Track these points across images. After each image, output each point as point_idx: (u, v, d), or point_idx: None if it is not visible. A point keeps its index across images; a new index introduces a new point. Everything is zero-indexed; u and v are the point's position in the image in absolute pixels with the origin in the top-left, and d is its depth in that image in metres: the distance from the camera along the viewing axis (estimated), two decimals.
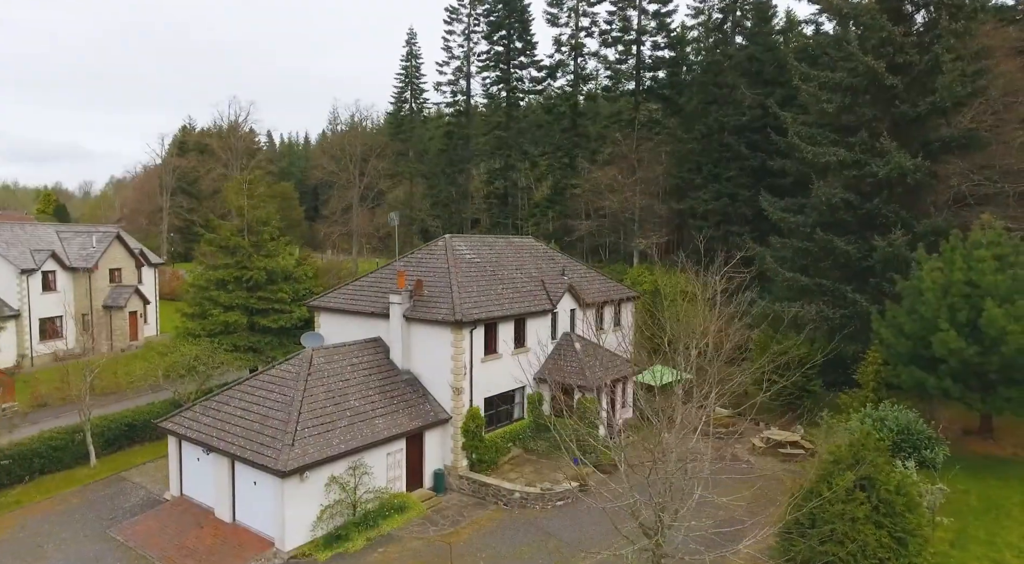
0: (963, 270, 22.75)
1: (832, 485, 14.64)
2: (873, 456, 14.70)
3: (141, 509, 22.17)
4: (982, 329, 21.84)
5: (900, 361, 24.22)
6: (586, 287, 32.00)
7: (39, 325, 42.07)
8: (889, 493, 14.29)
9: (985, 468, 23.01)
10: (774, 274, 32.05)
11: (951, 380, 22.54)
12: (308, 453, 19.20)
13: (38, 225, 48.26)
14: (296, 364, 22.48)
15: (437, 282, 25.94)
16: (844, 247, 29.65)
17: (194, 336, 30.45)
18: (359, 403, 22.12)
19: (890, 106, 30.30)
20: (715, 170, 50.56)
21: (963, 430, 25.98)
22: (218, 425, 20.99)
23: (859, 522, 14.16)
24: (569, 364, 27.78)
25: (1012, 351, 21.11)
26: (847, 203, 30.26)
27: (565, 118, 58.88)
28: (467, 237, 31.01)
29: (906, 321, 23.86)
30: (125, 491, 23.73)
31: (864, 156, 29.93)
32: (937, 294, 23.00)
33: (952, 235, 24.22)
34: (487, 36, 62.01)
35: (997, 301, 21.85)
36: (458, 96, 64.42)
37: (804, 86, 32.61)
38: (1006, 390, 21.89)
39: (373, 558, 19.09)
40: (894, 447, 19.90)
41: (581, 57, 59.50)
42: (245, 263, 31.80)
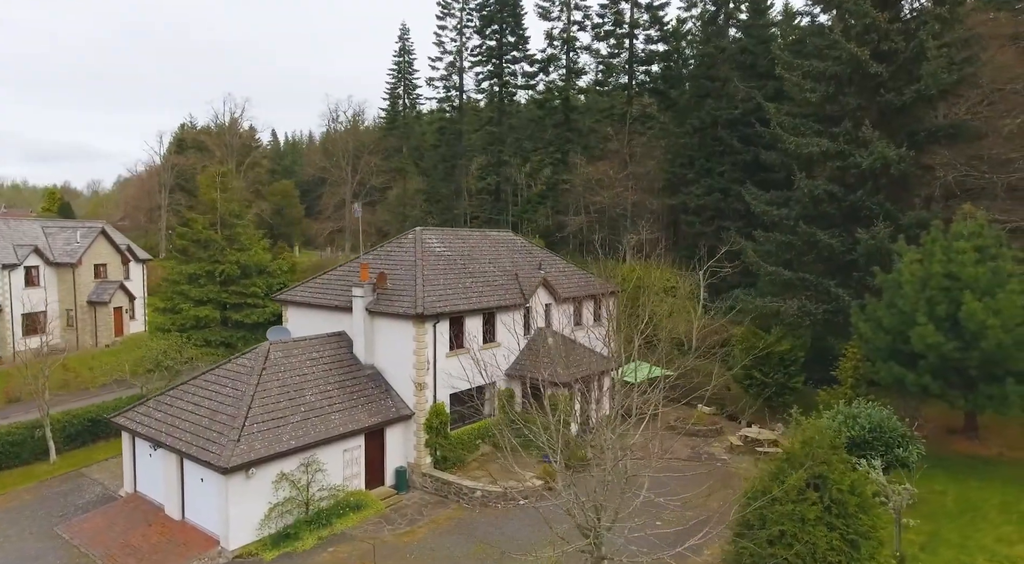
0: (942, 262, 21.87)
1: (783, 484, 13.88)
2: (827, 454, 13.92)
3: (94, 506, 21.72)
4: (962, 323, 20.98)
5: (879, 357, 23.38)
6: (564, 282, 31.32)
7: (22, 320, 41.87)
8: (841, 493, 13.50)
9: (967, 468, 22.12)
10: (756, 268, 31.21)
11: (931, 376, 21.68)
12: (255, 449, 18.64)
13: (23, 220, 48.10)
14: (252, 358, 21.94)
15: (403, 275, 25.34)
16: (827, 240, 28.79)
17: (164, 331, 29.99)
18: (315, 398, 21.55)
19: (875, 95, 29.37)
20: (707, 164, 49.66)
21: (947, 429, 25.08)
22: (168, 420, 20.49)
23: (809, 523, 13.38)
24: (542, 360, 27.08)
25: (992, 346, 20.24)
26: (831, 195, 29.39)
27: (557, 113, 58.15)
28: (439, 230, 30.40)
29: (885, 315, 23.02)
30: (81, 488, 23.30)
31: (848, 147, 29.05)
32: (915, 287, 22.15)
33: (933, 226, 23.32)
34: (479, 31, 61.35)
35: (977, 294, 20.98)
36: (451, 91, 63.86)
37: (787, 75, 31.74)
38: (987, 387, 21.00)
39: (322, 558, 18.51)
40: (865, 445, 19.08)
41: (573, 51, 58.73)
42: (218, 257, 31.35)
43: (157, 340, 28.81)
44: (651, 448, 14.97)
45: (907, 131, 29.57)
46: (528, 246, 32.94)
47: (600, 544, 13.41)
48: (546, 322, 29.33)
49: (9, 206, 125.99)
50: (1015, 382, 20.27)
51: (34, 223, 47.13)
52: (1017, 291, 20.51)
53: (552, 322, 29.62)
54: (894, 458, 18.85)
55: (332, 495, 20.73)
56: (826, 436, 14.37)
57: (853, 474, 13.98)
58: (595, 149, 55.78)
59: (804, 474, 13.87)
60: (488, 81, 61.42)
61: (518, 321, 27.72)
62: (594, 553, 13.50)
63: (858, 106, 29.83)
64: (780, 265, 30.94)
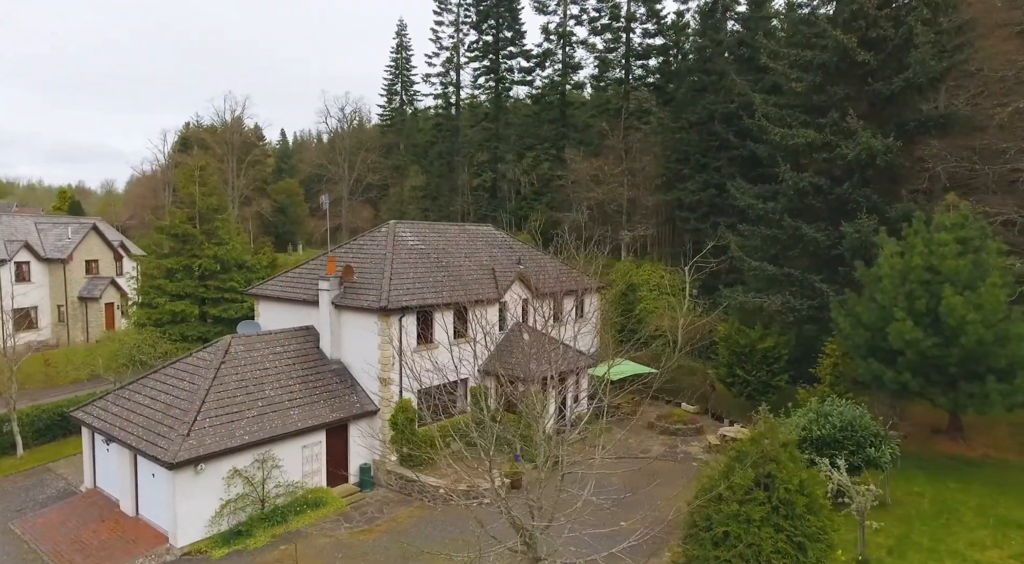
0: (923, 255, 21.04)
1: (732, 483, 13.25)
2: (776, 451, 13.26)
3: (54, 501, 21.49)
4: (942, 318, 20.15)
5: (859, 354, 22.58)
6: (544, 277, 30.69)
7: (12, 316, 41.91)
8: (789, 492, 12.83)
9: (948, 469, 21.29)
10: (740, 263, 30.43)
11: (910, 374, 20.85)
12: (204, 444, 18.27)
13: (16, 216, 48.28)
14: (212, 352, 21.60)
15: (372, 269, 24.91)
16: (813, 234, 27.94)
17: (140, 325, 29.79)
18: (274, 393, 21.16)
19: (863, 84, 28.48)
20: (703, 160, 48.73)
21: (932, 429, 24.20)
22: (124, 415, 20.19)
23: (755, 524, 12.73)
24: (515, 356, 26.54)
25: (972, 342, 19.39)
26: (816, 188, 28.53)
27: (554, 109, 57.52)
28: (415, 223, 29.97)
29: (864, 310, 22.22)
30: (45, 482, 23.09)
31: (835, 138, 28.18)
32: (895, 281, 21.33)
33: (915, 218, 22.46)
34: (475, 26, 60.84)
35: (958, 288, 20.14)
36: (448, 88, 63.43)
37: (773, 65, 30.92)
38: (968, 385, 20.14)
39: (272, 556, 18.09)
40: (835, 444, 18.32)
41: (570, 46, 58.06)
42: (196, 251, 31.09)
43: (131, 335, 28.59)
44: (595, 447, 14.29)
45: (896, 121, 28.63)
46: (508, 241, 32.40)
47: (534, 545, 12.86)
48: (523, 317, 28.77)
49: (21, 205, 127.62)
50: (996, 380, 19.41)
51: (27, 219, 47.32)
52: (998, 284, 19.64)
53: (530, 317, 29.06)
54: (866, 458, 18.06)
55: (290, 492, 20.32)
56: (776, 433, 13.70)
57: (803, 473, 13.29)
58: (591, 145, 55.11)
59: (752, 473, 13.26)
60: (484, 77, 60.96)
61: (492, 316, 27.20)
62: (528, 554, 12.95)
63: (846, 96, 28.92)
64: (766, 260, 30.11)
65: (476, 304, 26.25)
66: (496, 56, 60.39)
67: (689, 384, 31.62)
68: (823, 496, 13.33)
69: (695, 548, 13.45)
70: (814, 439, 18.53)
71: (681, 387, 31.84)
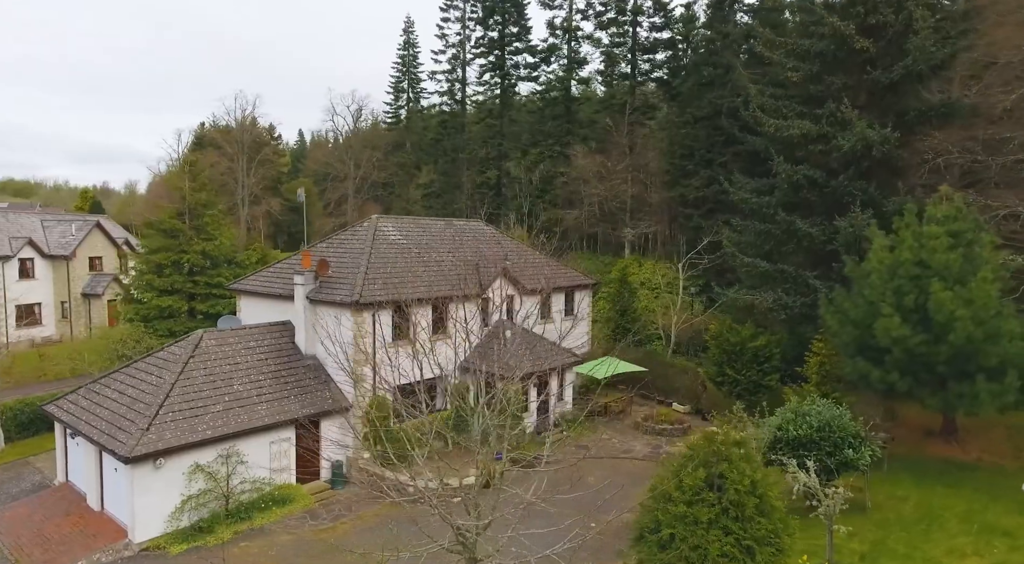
0: (913, 249, 20.10)
1: (682, 483, 12.64)
2: (728, 450, 12.61)
3: (27, 494, 21.51)
4: (931, 315, 19.21)
5: (846, 352, 21.70)
6: (532, 273, 30.19)
7: (15, 311, 42.56)
8: (739, 493, 12.17)
9: (938, 473, 20.31)
10: (732, 259, 29.58)
11: (898, 373, 19.94)
12: (164, 438, 18.07)
13: (22, 213, 48.98)
14: (182, 346, 21.45)
15: (350, 264, 24.62)
16: (807, 229, 27.04)
17: (128, 320, 29.87)
18: (243, 388, 20.93)
19: (862, 73, 27.49)
20: (708, 155, 47.73)
21: (925, 431, 23.18)
22: (92, 408, 20.10)
23: (702, 526, 12.09)
24: (496, 353, 26.02)
25: (961, 339, 18.44)
26: (811, 181, 27.59)
27: (558, 104, 56.90)
28: (400, 218, 29.64)
29: (851, 307, 21.33)
30: (22, 476, 23.15)
31: (832, 129, 27.23)
32: (883, 276, 20.42)
33: (906, 210, 21.50)
34: (481, 21, 60.44)
35: (949, 282, 19.19)
36: (455, 85, 63.13)
37: (769, 54, 30.02)
38: (957, 385, 19.17)
39: (231, 553, 17.79)
40: (811, 445, 17.51)
41: (575, 41, 57.40)
42: (184, 247, 31.10)
43: (117, 330, 28.66)
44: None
45: (896, 111, 27.59)
46: (498, 236, 31.91)
47: (471, 545, 12.39)
48: (507, 314, 28.25)
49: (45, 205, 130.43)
50: (986, 379, 18.44)
51: (33, 216, 47.96)
52: (989, 279, 18.66)
53: (515, 314, 28.52)
54: (843, 460, 17.22)
55: (257, 488, 20.06)
56: (730, 431, 13.05)
57: (757, 473, 12.61)
58: (595, 141, 54.40)
59: (703, 472, 12.62)
60: (490, 73, 60.54)
61: (475, 312, 26.73)
62: (464, 554, 12.50)
63: (844, 85, 27.94)
64: (760, 256, 29.24)
65: (456, 299, 25.93)
66: (502, 52, 59.96)
67: (682, 384, 30.83)
68: (776, 497, 12.63)
69: (643, 551, 12.85)
70: (790, 439, 17.75)
71: (674, 387, 31.07)
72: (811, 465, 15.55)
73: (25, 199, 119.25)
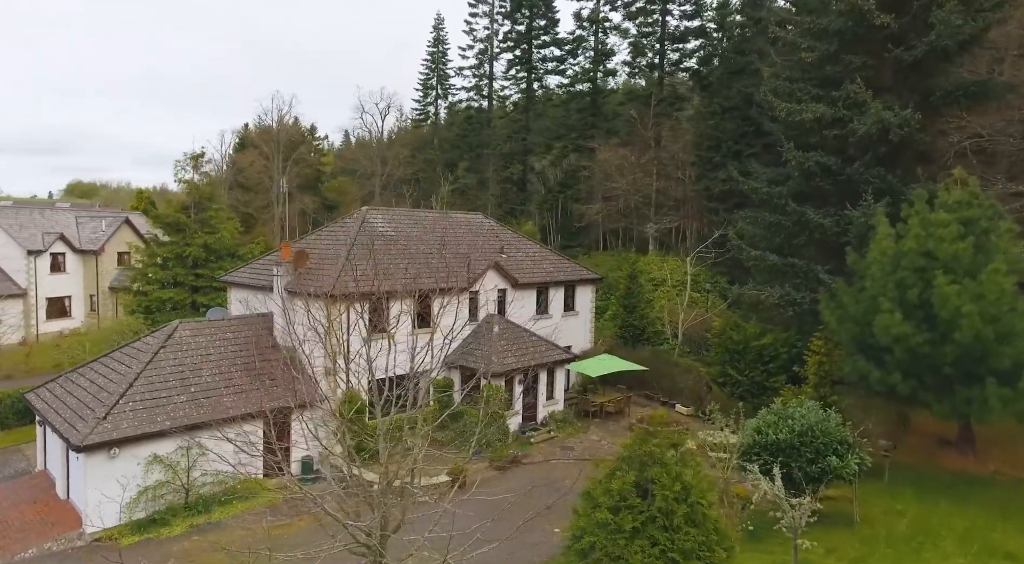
0: (918, 237, 18.21)
1: (608, 488, 11.50)
2: (662, 453, 11.39)
3: (6, 480, 21.79)
4: (936, 311, 17.34)
5: (847, 351, 19.91)
6: (528, 267, 29.18)
7: (46, 304, 44.07)
8: (667, 501, 10.93)
9: (945, 487, 18.35)
10: (739, 252, 27.82)
11: (900, 374, 18.10)
12: (120, 428, 17.89)
13: (59, 209, 50.77)
14: (156, 336, 21.38)
15: (332, 255, 24.18)
16: (818, 220, 25.14)
17: (130, 312, 30.29)
18: (212, 379, 20.66)
19: (883, 51, 25.37)
20: (735, 147, 45.64)
21: (939, 440, 21.09)
22: (63, 396, 20.17)
23: (625, 535, 10.92)
24: (481, 348, 25.17)
25: (968, 338, 16.54)
26: (824, 168, 25.65)
27: (584, 97, 55.58)
28: (391, 210, 29.10)
29: (851, 302, 19.53)
30: (9, 463, 23.51)
31: (849, 112, 25.25)
32: (884, 268, 18.58)
33: (915, 196, 19.56)
34: (509, 15, 59.66)
35: (958, 275, 17.28)
36: (482, 80, 62.55)
37: (781, 33, 28.14)
38: (966, 389, 17.23)
39: (180, 546, 17.49)
40: (791, 450, 15.94)
41: (603, 32, 55.91)
42: (188, 240, 31.39)
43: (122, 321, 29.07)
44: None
45: (921, 92, 25.40)
46: (497, 229, 30.96)
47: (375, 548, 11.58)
48: (499, 309, 27.31)
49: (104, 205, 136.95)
50: (997, 383, 16.47)
51: (68, 213, 49.65)
52: (1002, 271, 16.67)
53: (508, 309, 27.57)
54: (826, 468, 15.59)
55: (219, 481, 19.71)
56: (665, 432, 11.81)
57: (696, 478, 11.35)
58: (620, 134, 52.85)
59: (633, 477, 11.45)
60: (516, 67, 59.69)
61: (461, 306, 25.89)
62: (369, 556, 11.69)
63: (862, 65, 25.89)
64: (771, 249, 27.41)
65: (440, 293, 25.13)
66: (528, 46, 59.05)
67: (686, 384, 29.24)
68: (710, 505, 11.32)
69: (565, 561, 11.76)
70: (768, 444, 16.25)
71: (679, 387, 29.49)
72: (777, 472, 14.11)
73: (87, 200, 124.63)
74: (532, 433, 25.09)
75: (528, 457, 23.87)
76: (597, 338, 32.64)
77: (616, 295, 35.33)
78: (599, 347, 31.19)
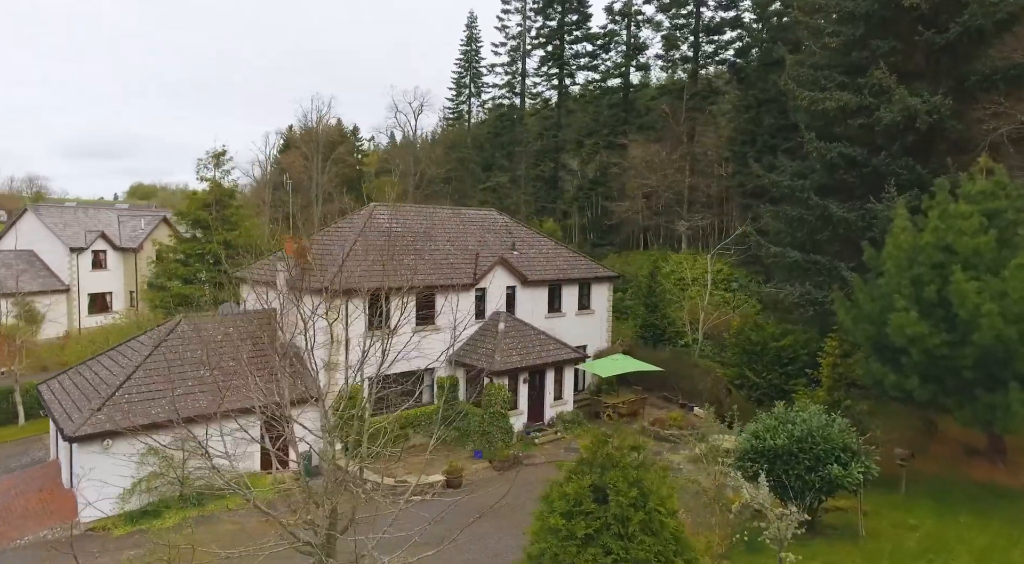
0: (936, 230, 16.89)
1: (565, 492, 10.88)
2: (621, 455, 10.71)
3: (22, 468, 22.52)
4: (955, 310, 16.02)
5: (861, 352, 18.66)
6: (540, 264, 28.58)
7: (88, 300, 45.78)
8: (621, 507, 10.23)
9: (969, 499, 16.95)
10: (758, 249, 26.57)
11: (918, 378, 16.81)
12: (113, 419, 18.13)
13: (102, 208, 52.70)
14: (160, 330, 21.71)
15: (336, 252, 24.15)
16: (842, 214, 23.77)
17: (153, 307, 31.04)
18: (210, 373, 20.79)
19: (912, 34, 23.82)
20: (772, 141, 43.93)
21: (967, 448, 19.55)
22: (68, 388, 20.68)
23: (576, 542, 10.28)
24: (486, 346, 24.72)
25: (988, 339, 15.20)
26: (849, 160, 24.24)
27: (616, 92, 54.58)
28: (400, 206, 28.97)
29: (865, 300, 18.28)
30: (29, 451, 24.33)
31: (875, 100, 23.80)
32: (900, 263, 17.31)
33: (937, 186, 18.17)
34: (541, 10, 59.11)
35: (979, 271, 15.93)
36: (515, 78, 62.14)
37: (803, 18, 26.77)
38: (988, 395, 15.85)
39: (169, 538, 17.45)
40: (789, 457, 14.93)
41: (635, 25, 54.79)
42: (209, 237, 31.99)
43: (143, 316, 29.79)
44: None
45: (955, 76, 23.75)
46: (510, 226, 30.42)
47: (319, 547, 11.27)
48: (509, 306, 26.81)
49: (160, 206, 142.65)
50: (1021, 388, 15.08)
51: (111, 211, 51.49)
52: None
53: (517, 307, 27.04)
54: (825, 477, 14.52)
55: (214, 475, 19.81)
56: (627, 435, 11.13)
57: (653, 484, 10.62)
58: (652, 129, 51.65)
59: (589, 480, 10.81)
60: (548, 63, 59.08)
61: (468, 303, 25.52)
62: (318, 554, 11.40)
63: (891, 50, 24.37)
64: (794, 245, 26.09)
65: (444, 289, 24.83)
66: (560, 42, 58.41)
67: (706, 387, 28.12)
68: (670, 514, 10.56)
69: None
70: (765, 450, 15.29)
71: (699, 390, 28.38)
72: (763, 479, 13.22)
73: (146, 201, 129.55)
74: (537, 434, 24.51)
75: (531, 458, 23.33)
76: (616, 338, 31.77)
77: (638, 294, 34.35)
78: (617, 347, 30.32)
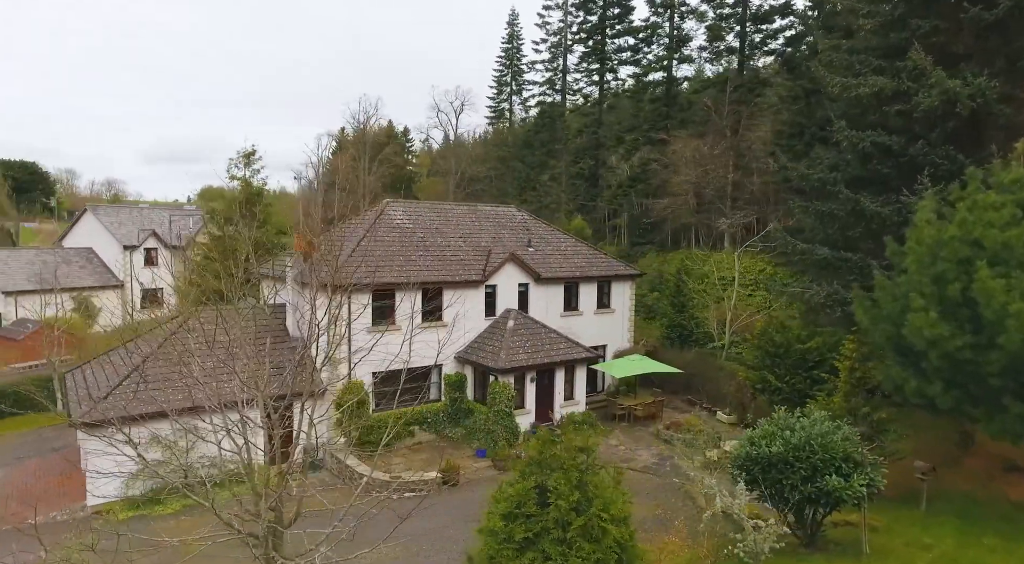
0: (963, 223, 15.40)
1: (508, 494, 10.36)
2: (568, 458, 10.10)
3: (52, 453, 23.51)
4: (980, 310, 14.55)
5: (882, 355, 17.26)
6: (556, 261, 27.92)
7: (141, 294, 47.86)
8: (561, 511, 9.61)
9: (999, 519, 15.40)
10: (784, 246, 25.10)
11: (941, 384, 15.37)
12: (116, 407, 18.63)
13: (156, 209, 55.03)
14: (172, 324, 22.23)
15: (346, 248, 24.21)
16: (875, 208, 22.17)
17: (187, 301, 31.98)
18: (217, 365, 21.10)
19: (957, 11, 21.97)
20: (821, 133, 41.68)
21: (1004, 463, 17.80)
22: (88, 377, 21.44)
23: (513, 546, 9.74)
24: (493, 344, 24.28)
25: (1016, 343, 13.70)
26: (884, 149, 22.59)
27: (658, 86, 53.15)
28: (415, 203, 28.87)
29: (885, 299, 16.88)
30: (62, 436, 25.32)
31: (915, 84, 22.09)
32: (922, 258, 15.88)
33: (969, 175, 16.60)
34: (582, 5, 58.22)
35: (1010, 267, 14.41)
36: (556, 74, 61.48)
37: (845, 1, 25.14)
38: (1017, 404, 14.31)
39: (170, 524, 17.87)
40: (785, 466, 13.84)
41: (679, 17, 53.20)
42: (238, 235, 32.75)
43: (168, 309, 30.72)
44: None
45: (1006, 56, 21.79)
46: (529, 223, 29.85)
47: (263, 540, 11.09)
48: (521, 304, 26.28)
49: None
50: None
51: (164, 211, 53.72)
52: None
53: (530, 305, 26.48)
54: (821, 489, 13.38)
55: (217, 465, 20.13)
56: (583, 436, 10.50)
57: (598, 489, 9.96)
58: (694, 124, 50.01)
59: (532, 482, 10.25)
60: (589, 59, 58.14)
61: (478, 300, 25.17)
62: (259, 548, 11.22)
63: (933, 29, 22.57)
64: (826, 242, 24.55)
65: (451, 286, 24.53)
66: (602, 36, 57.36)
67: (729, 390, 26.85)
68: (615, 521, 9.86)
69: None
70: (759, 457, 14.26)
71: (723, 393, 27.12)
72: (741, 489, 12.28)
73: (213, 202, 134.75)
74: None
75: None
76: (640, 338, 30.77)
77: (665, 293, 33.20)
78: (639, 347, 29.35)
